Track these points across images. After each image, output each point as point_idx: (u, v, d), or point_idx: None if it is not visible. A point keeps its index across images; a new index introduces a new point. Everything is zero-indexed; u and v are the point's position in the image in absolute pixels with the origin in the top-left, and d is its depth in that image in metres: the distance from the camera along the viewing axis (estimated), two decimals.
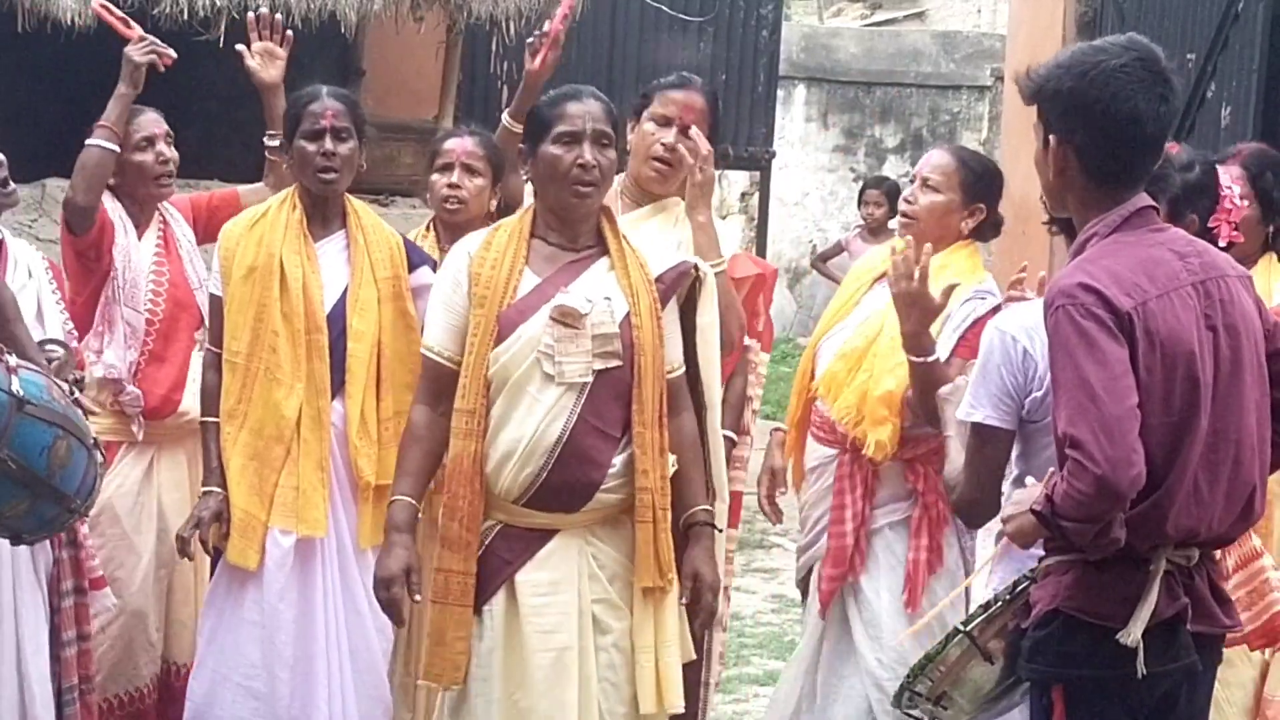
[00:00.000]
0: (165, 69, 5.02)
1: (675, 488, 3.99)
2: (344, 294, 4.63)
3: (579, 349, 3.83)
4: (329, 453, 4.58)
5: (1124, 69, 3.13)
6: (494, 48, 11.62)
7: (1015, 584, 3.28)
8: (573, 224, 3.96)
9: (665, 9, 12.63)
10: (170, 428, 5.01)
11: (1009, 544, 3.40)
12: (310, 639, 4.57)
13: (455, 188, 5.00)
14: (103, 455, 4.24)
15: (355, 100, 4.78)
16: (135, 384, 4.96)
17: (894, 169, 16.19)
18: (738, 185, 16.96)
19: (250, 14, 5.18)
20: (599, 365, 3.84)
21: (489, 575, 3.88)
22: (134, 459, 5.01)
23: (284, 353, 4.55)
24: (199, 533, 4.55)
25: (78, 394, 4.24)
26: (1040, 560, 3.23)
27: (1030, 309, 3.47)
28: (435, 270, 4.76)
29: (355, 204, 4.78)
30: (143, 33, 5.05)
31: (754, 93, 13.00)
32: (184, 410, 4.98)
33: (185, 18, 9.12)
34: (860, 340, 4.57)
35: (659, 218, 4.60)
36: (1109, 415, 2.97)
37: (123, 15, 5.12)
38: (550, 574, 3.87)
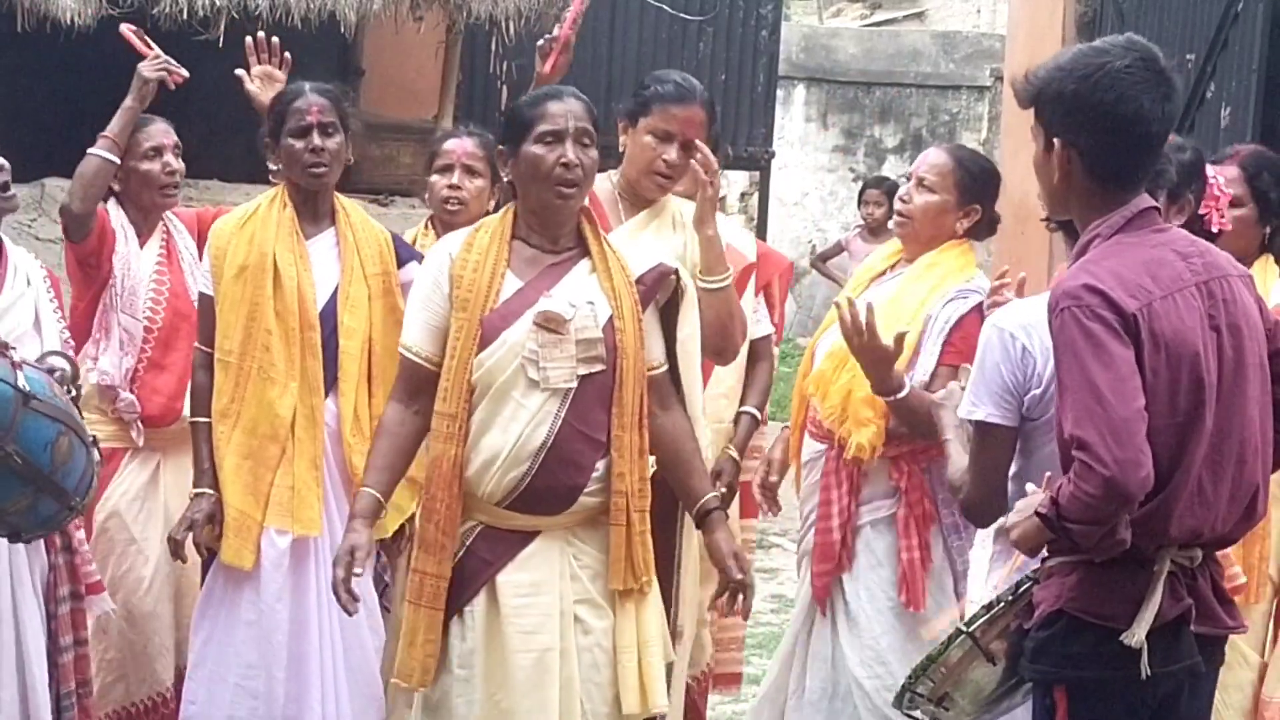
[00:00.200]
0: (174, 89, 5.03)
1: (682, 481, 3.99)
2: (335, 291, 4.62)
3: (563, 354, 3.81)
4: (323, 451, 4.57)
5: (1128, 70, 3.12)
6: (494, 48, 11.61)
7: (1018, 585, 3.28)
8: (555, 225, 3.93)
9: (665, 9, 12.62)
10: (174, 434, 4.99)
11: (1017, 555, 3.40)
12: (305, 638, 4.56)
13: (455, 189, 5.00)
14: (100, 454, 4.24)
15: (339, 94, 4.76)
16: (134, 391, 4.94)
17: (893, 169, 16.17)
18: (737, 185, 16.95)
19: (248, 39, 5.15)
20: (583, 370, 3.83)
21: (470, 576, 3.86)
22: (139, 465, 5.00)
23: (278, 351, 4.54)
24: (192, 535, 4.54)
25: (76, 393, 4.24)
26: (1043, 561, 3.23)
27: (1028, 306, 3.47)
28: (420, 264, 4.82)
29: (343, 201, 4.77)
30: (159, 51, 5.06)
31: (753, 93, 12.99)
32: (186, 417, 4.95)
33: (185, 17, 9.12)
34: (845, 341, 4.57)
35: (655, 223, 4.59)
36: (1116, 417, 2.97)
37: (145, 38, 5.12)
38: (531, 575, 3.85)
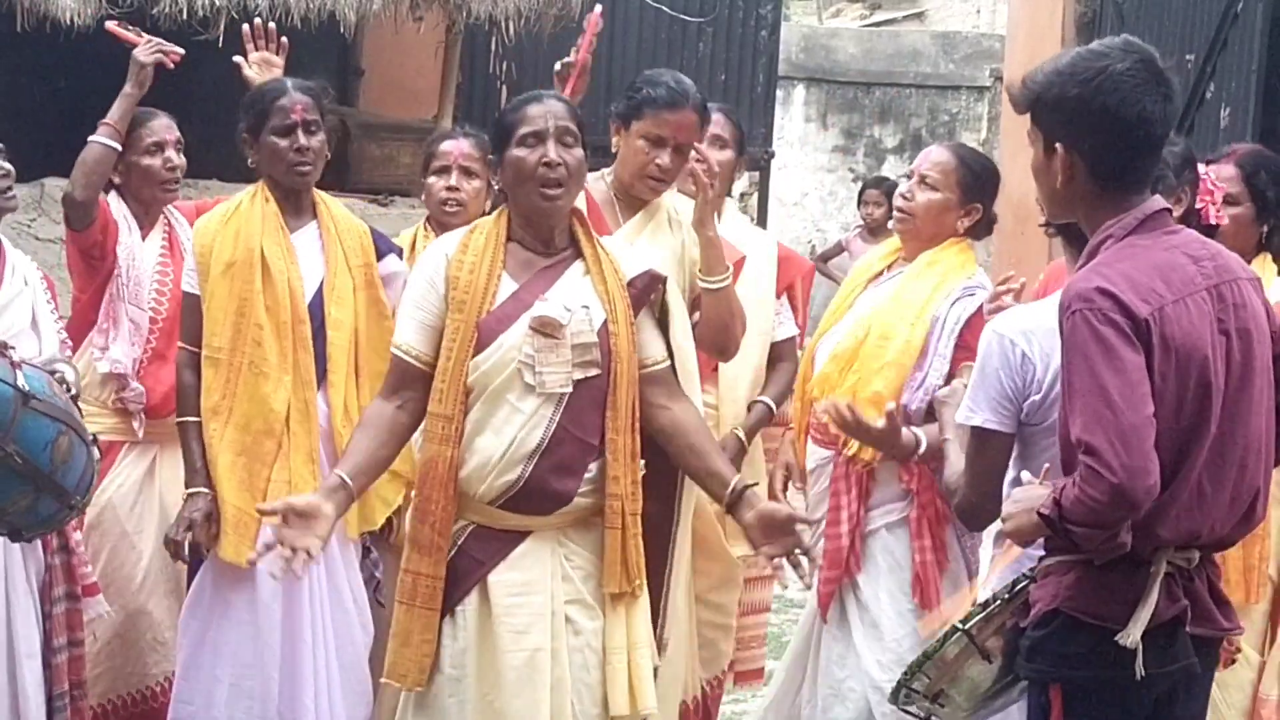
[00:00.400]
0: (174, 67, 5.03)
1: (703, 469, 3.95)
2: (321, 284, 4.62)
3: (559, 359, 3.81)
4: (318, 444, 4.57)
5: (1129, 72, 3.12)
6: (493, 48, 11.63)
7: (1014, 583, 3.28)
8: (546, 227, 3.92)
9: (665, 9, 12.63)
10: (171, 426, 4.99)
11: (1012, 546, 3.40)
12: (298, 636, 4.56)
13: (453, 190, 5.01)
14: (99, 453, 4.25)
15: (320, 91, 4.76)
16: (138, 381, 4.97)
17: (893, 169, 16.18)
18: (737, 185, 16.95)
19: (245, 26, 5.15)
20: (579, 375, 3.83)
21: (461, 576, 3.86)
22: (136, 458, 5.02)
23: (269, 346, 4.53)
24: (191, 535, 4.52)
25: (74, 392, 4.25)
26: (1040, 560, 3.23)
27: (1029, 311, 3.46)
28: (402, 257, 4.81)
29: (322, 195, 4.77)
30: (150, 37, 5.06)
31: (753, 93, 13.00)
32: None
33: (185, 17, 9.13)
34: (850, 341, 4.55)
35: (651, 225, 4.58)
36: (1126, 424, 2.96)
37: (134, 28, 5.12)
38: (523, 575, 3.85)
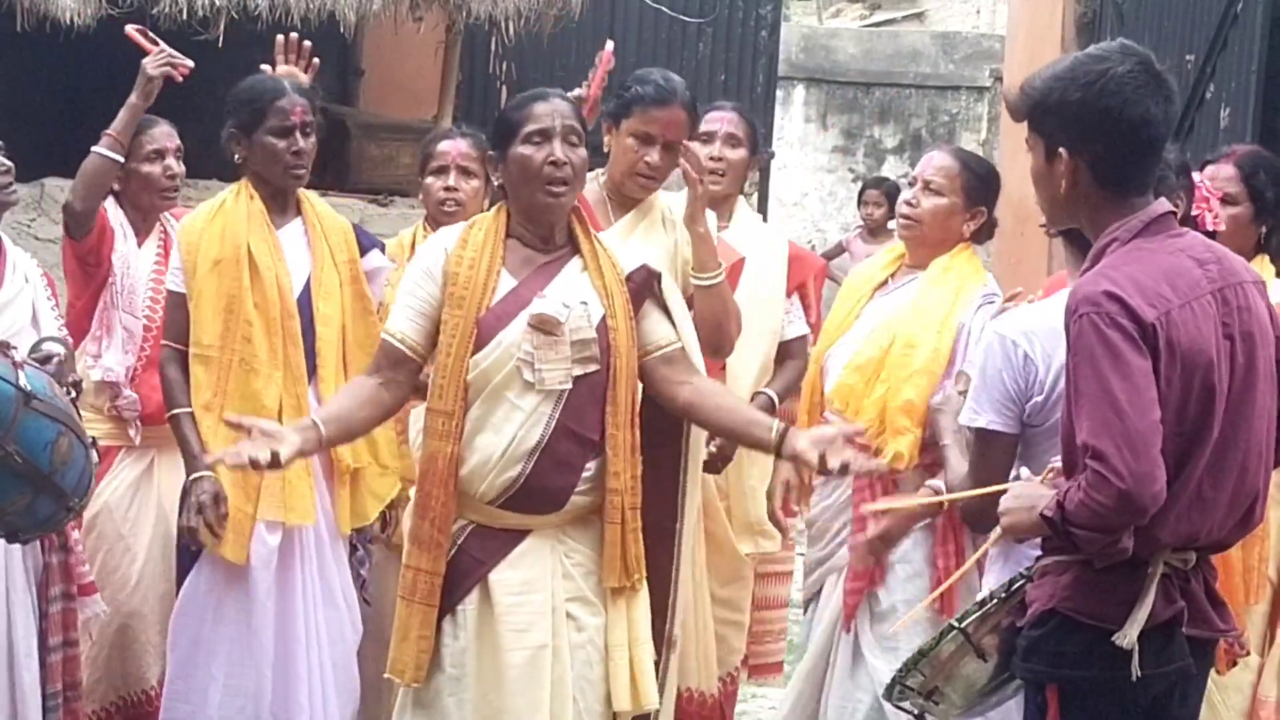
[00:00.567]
0: (182, 80, 5.02)
1: (738, 426, 3.98)
2: (308, 280, 4.62)
3: (558, 356, 3.83)
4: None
5: (1130, 75, 3.11)
6: (493, 48, 11.63)
7: (1011, 582, 3.28)
8: (547, 224, 3.94)
9: (665, 9, 12.62)
10: (169, 432, 4.98)
11: (1008, 541, 3.41)
12: (292, 634, 4.56)
13: (451, 190, 5.02)
14: (98, 455, 4.25)
15: (314, 93, 4.78)
16: (132, 389, 4.95)
17: (893, 169, 16.17)
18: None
19: (280, 37, 5.14)
20: (578, 371, 3.84)
21: (462, 575, 3.87)
22: (133, 462, 5.01)
23: (259, 342, 4.53)
24: (204, 517, 4.47)
25: (74, 394, 4.25)
26: (1037, 559, 3.24)
27: (1030, 312, 3.46)
28: (384, 252, 4.82)
29: (305, 192, 4.76)
30: (165, 46, 5.05)
31: (753, 93, 12.99)
32: None
33: (185, 17, 9.12)
34: (874, 350, 4.52)
35: (644, 224, 4.57)
36: (1133, 430, 2.96)
37: (152, 35, 5.11)
38: (523, 573, 3.86)
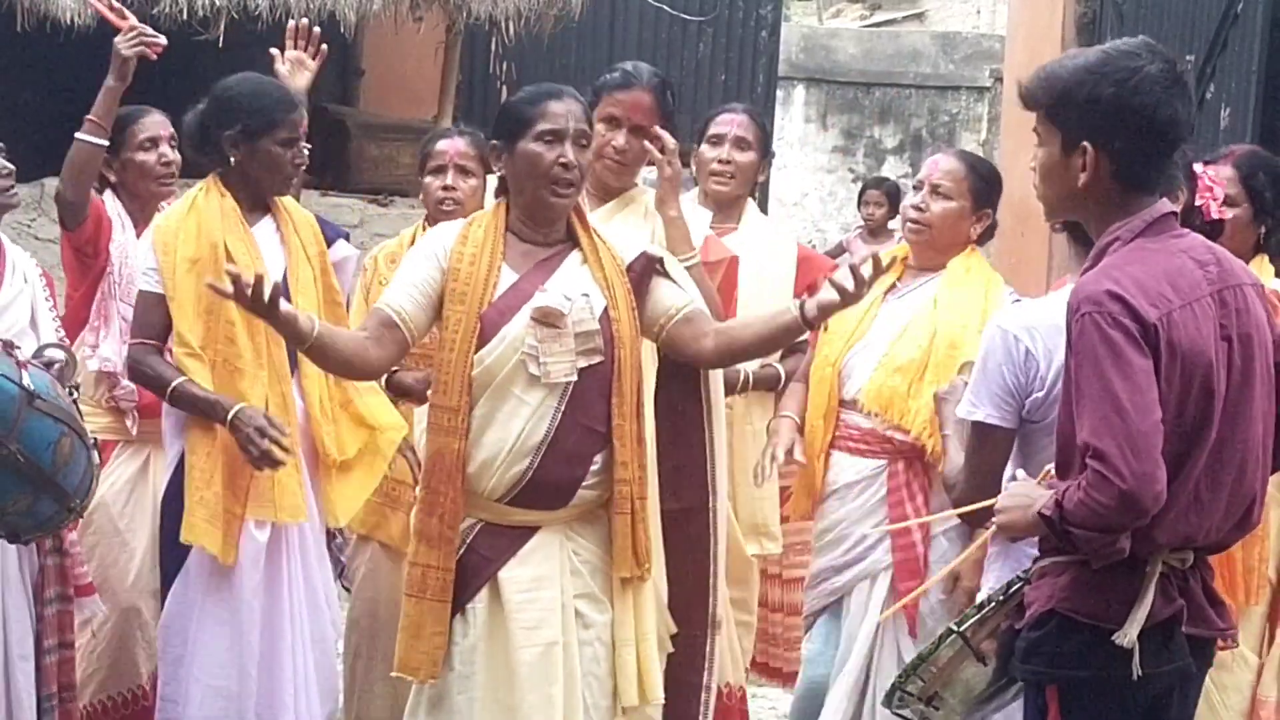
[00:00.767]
0: (159, 58, 4.97)
1: (762, 333, 4.00)
2: (284, 276, 4.58)
3: (562, 348, 3.85)
4: (297, 437, 4.53)
5: (1162, 74, 3.11)
6: (493, 48, 11.64)
7: (1009, 585, 3.29)
8: (548, 221, 3.97)
9: (665, 9, 12.63)
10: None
11: (1004, 542, 3.41)
12: (277, 634, 4.55)
13: (450, 189, 5.02)
14: (100, 456, 4.25)
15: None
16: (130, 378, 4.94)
17: (893, 170, 16.18)
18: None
19: (290, 23, 5.15)
20: (583, 363, 3.86)
21: (471, 573, 3.89)
22: (129, 457, 5.00)
23: (242, 342, 4.49)
24: (269, 436, 4.37)
25: (76, 395, 4.25)
26: (1034, 561, 3.23)
27: (1032, 307, 3.46)
28: (349, 241, 4.82)
29: None
30: (135, 21, 5.00)
31: (753, 93, 13.00)
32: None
33: (185, 17, 9.13)
34: (914, 352, 4.47)
35: (625, 212, 4.57)
36: (1135, 430, 2.96)
37: (117, 6, 5.06)
38: (533, 570, 3.88)
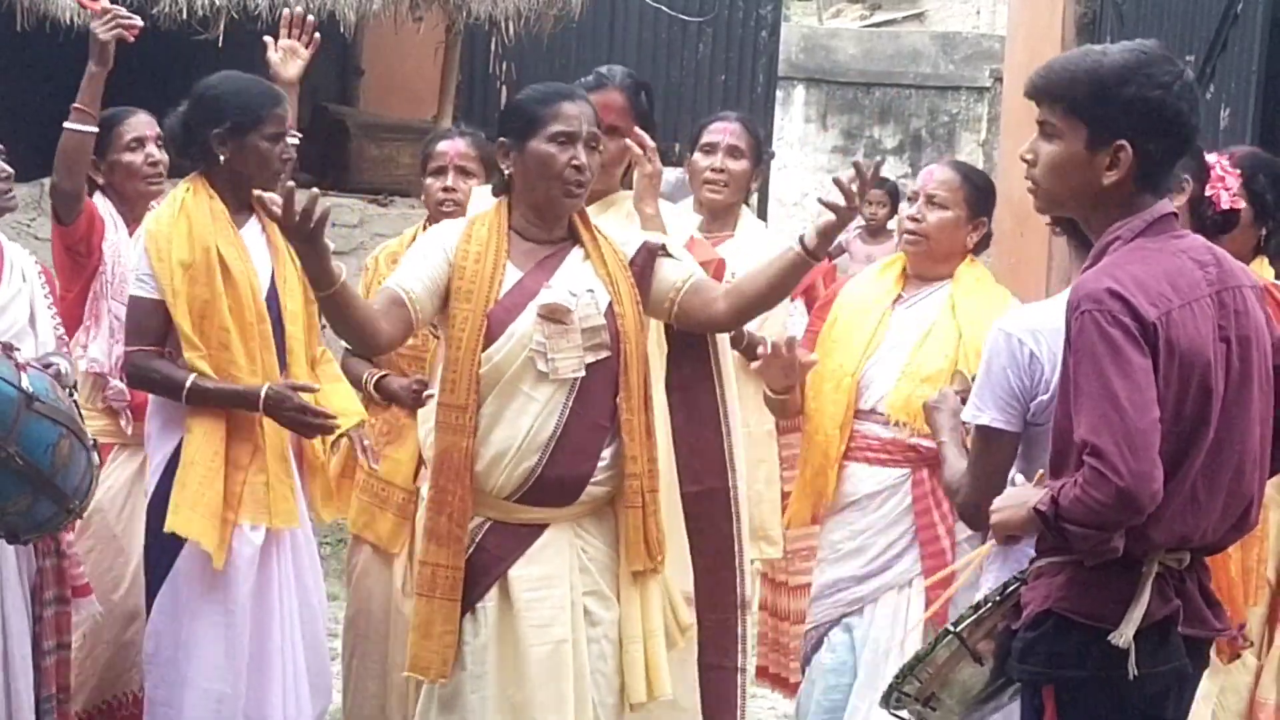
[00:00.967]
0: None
1: (772, 263, 4.20)
2: (272, 278, 4.58)
3: (570, 344, 3.88)
4: (288, 441, 4.54)
5: (1191, 80, 3.14)
6: (493, 48, 11.62)
7: (1005, 585, 3.29)
8: (554, 220, 4.01)
9: (665, 9, 12.62)
10: None
11: (1006, 551, 3.40)
12: (268, 636, 4.55)
13: (450, 190, 5.02)
14: (99, 457, 4.25)
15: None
16: (122, 379, 4.89)
17: (893, 170, 16.17)
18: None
19: (285, 10, 5.16)
20: (590, 358, 3.90)
21: (480, 572, 3.90)
22: (126, 460, 4.97)
23: (236, 348, 4.46)
24: (312, 408, 4.40)
25: (75, 396, 4.25)
26: (1031, 562, 3.24)
27: (1036, 311, 3.46)
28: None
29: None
30: (108, 4, 4.95)
31: (753, 93, 12.99)
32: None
33: (185, 17, 9.12)
34: (941, 361, 4.48)
35: (607, 214, 4.54)
36: (1134, 428, 2.96)
37: None
38: (543, 569, 3.90)
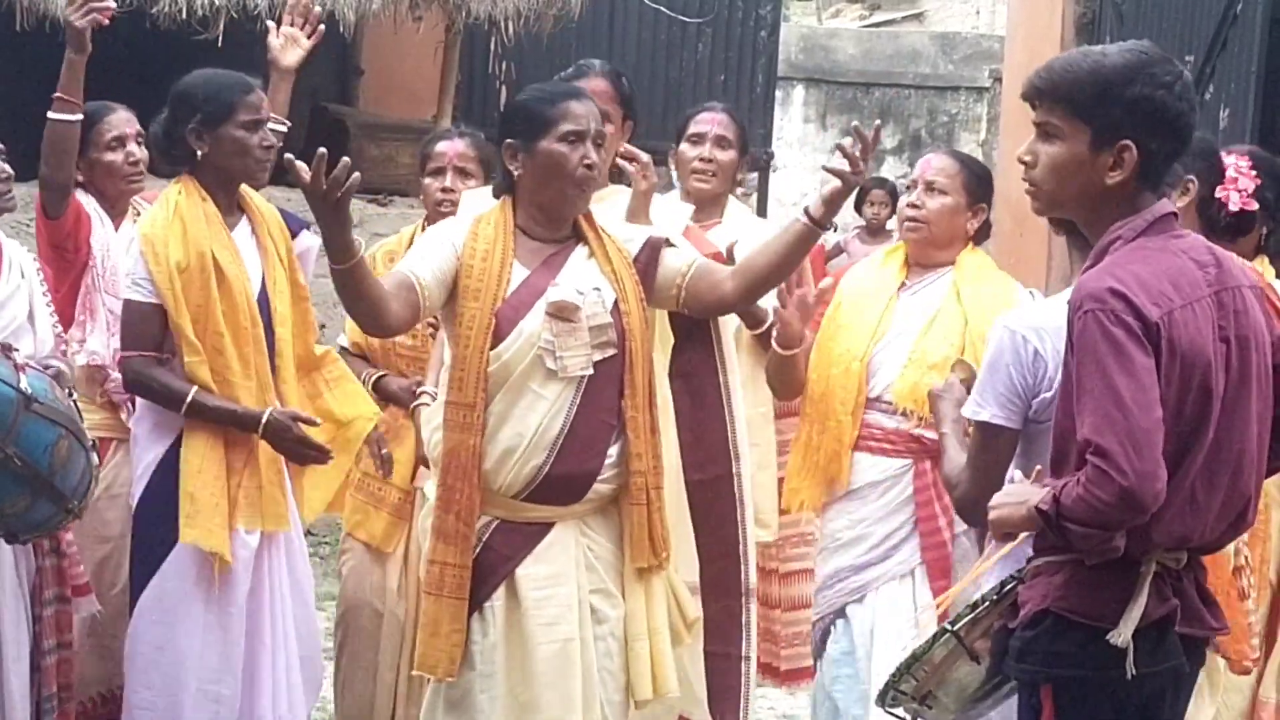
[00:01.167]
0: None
1: (779, 235, 4.06)
2: (263, 281, 4.57)
3: (578, 342, 3.89)
4: None
5: (1189, 80, 3.14)
6: (493, 48, 11.62)
7: (1002, 584, 3.29)
8: (562, 219, 4.02)
9: (664, 9, 12.63)
10: None
11: (1000, 543, 3.40)
12: (259, 637, 4.55)
13: (449, 191, 5.01)
14: (98, 457, 4.25)
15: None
16: (118, 369, 4.86)
17: (892, 170, 16.19)
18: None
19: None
20: (597, 356, 3.91)
21: (488, 571, 3.91)
22: (124, 458, 4.91)
23: (230, 353, 4.45)
24: (310, 440, 4.42)
25: (75, 396, 4.25)
26: (1028, 561, 3.24)
27: (1040, 308, 3.46)
28: (310, 230, 4.74)
29: (242, 186, 4.67)
30: None
31: (752, 93, 13.00)
32: None
33: (184, 17, 9.12)
34: (947, 349, 4.47)
35: (602, 207, 4.48)
36: (1137, 427, 2.96)
37: None
38: (550, 567, 3.92)
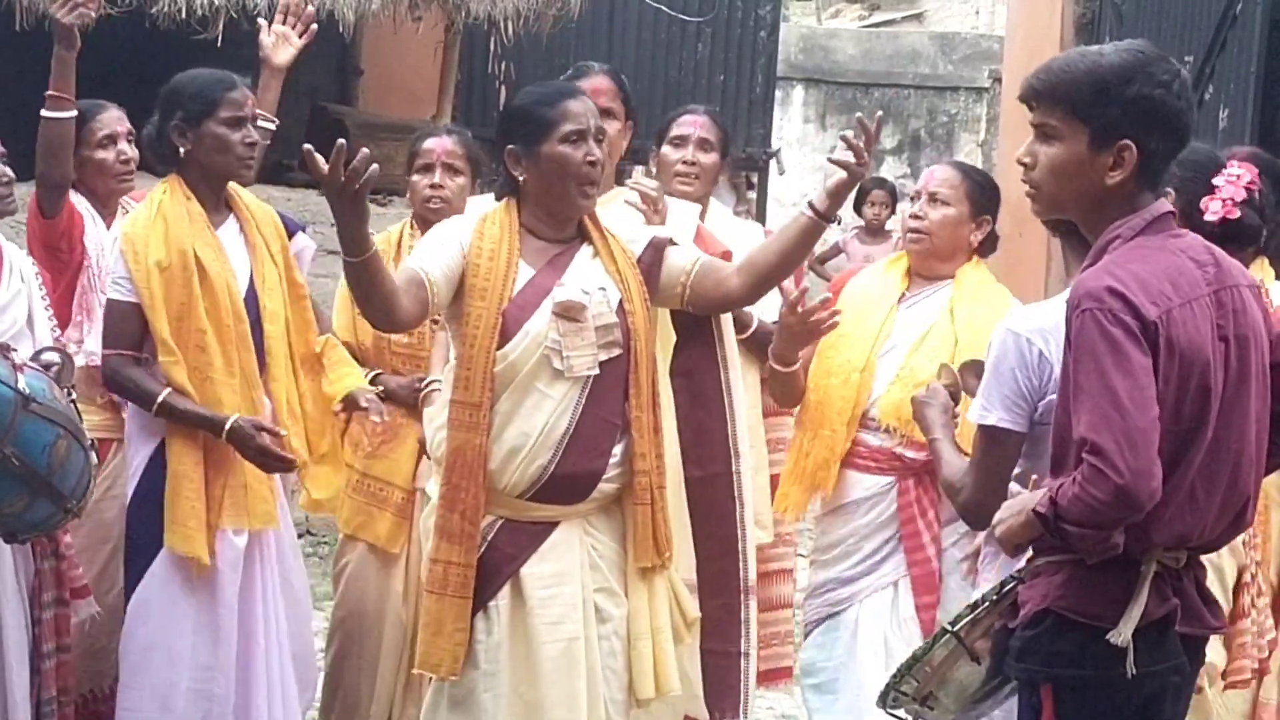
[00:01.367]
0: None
1: (786, 228, 4.08)
2: (250, 278, 4.57)
3: (584, 342, 3.90)
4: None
5: (1188, 80, 3.14)
6: (492, 48, 11.63)
7: (1002, 584, 3.29)
8: (568, 219, 4.03)
9: (664, 9, 12.64)
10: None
11: (998, 547, 3.40)
12: (252, 637, 4.55)
13: (437, 188, 5.02)
14: (97, 457, 4.25)
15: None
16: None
17: (891, 170, 16.21)
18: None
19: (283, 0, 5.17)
20: (603, 356, 3.93)
21: (493, 571, 3.92)
22: (121, 460, 4.88)
23: (213, 350, 4.45)
24: (271, 447, 4.40)
25: (74, 396, 4.25)
26: (1029, 561, 3.24)
27: (1043, 310, 3.46)
28: (307, 233, 4.80)
29: (233, 186, 4.68)
30: None
31: (752, 94, 13.02)
32: None
33: (183, 17, 9.12)
34: (935, 367, 4.33)
35: (607, 208, 4.49)
36: (1134, 426, 2.96)
37: None
38: (554, 566, 3.93)
